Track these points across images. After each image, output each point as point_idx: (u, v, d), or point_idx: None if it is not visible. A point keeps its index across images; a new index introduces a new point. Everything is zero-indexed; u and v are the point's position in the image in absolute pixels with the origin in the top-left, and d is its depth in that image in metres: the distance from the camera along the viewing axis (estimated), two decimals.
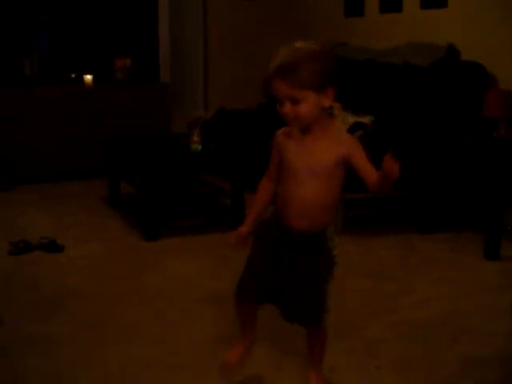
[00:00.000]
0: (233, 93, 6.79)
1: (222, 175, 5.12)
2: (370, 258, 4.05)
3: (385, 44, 5.60)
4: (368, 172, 2.12)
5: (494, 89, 4.62)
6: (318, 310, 2.30)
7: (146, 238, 4.33)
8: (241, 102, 6.28)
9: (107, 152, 5.18)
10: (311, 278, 2.26)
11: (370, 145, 4.69)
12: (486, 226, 4.05)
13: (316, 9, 6.81)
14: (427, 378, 2.61)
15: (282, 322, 2.35)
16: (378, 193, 2.12)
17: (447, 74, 4.82)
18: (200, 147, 4.51)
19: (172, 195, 4.97)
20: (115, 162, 5.06)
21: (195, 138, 4.50)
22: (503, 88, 4.60)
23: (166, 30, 6.85)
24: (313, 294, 2.28)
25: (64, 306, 3.29)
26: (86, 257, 4.03)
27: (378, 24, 5.95)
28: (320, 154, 2.16)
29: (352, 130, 4.93)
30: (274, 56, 2.10)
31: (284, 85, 2.05)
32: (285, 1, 7.13)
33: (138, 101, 6.27)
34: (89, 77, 6.23)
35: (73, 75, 6.30)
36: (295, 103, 2.06)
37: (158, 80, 6.85)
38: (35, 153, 5.86)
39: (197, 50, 7.05)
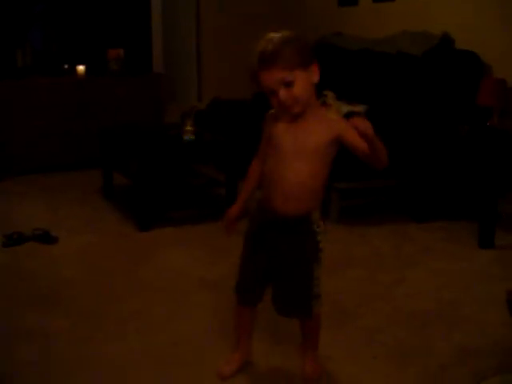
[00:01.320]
0: (227, 83, 6.76)
1: (216, 165, 5.11)
2: (365, 248, 4.04)
3: (379, 33, 5.59)
4: (358, 145, 2.11)
5: (488, 77, 4.61)
6: (306, 296, 2.32)
7: (141, 228, 4.32)
8: (235, 92, 6.25)
9: (101, 143, 5.16)
10: (296, 261, 2.29)
11: None
12: (481, 214, 4.05)
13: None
14: (423, 368, 2.61)
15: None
16: (373, 161, 2.12)
17: (441, 63, 4.81)
18: (193, 137, 4.49)
19: (166, 185, 4.95)
20: (109, 152, 5.04)
21: (188, 128, 4.48)
22: (497, 76, 4.59)
23: (158, 20, 6.81)
24: (299, 279, 2.30)
25: (59, 298, 3.28)
26: (80, 248, 4.01)
27: (372, 13, 5.93)
28: (309, 136, 2.18)
29: (346, 118, 4.93)
30: (253, 51, 2.14)
31: (273, 72, 2.08)
32: None
33: (132, 91, 6.25)
34: (82, 68, 6.19)
35: (66, 66, 6.26)
36: (289, 86, 2.09)
37: (152, 70, 6.82)
38: (28, 144, 5.83)
39: (190, 40, 7.03)
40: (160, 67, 6.84)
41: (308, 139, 2.18)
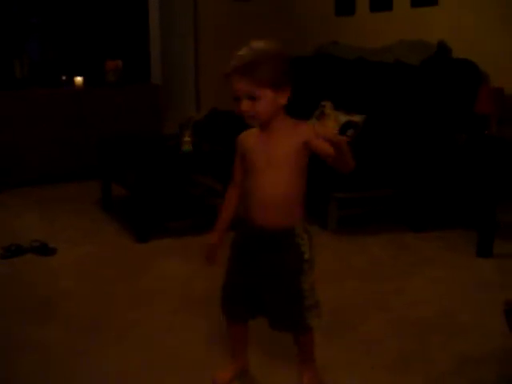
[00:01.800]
0: (225, 93, 6.74)
1: (214, 176, 5.10)
2: (363, 257, 4.03)
3: (376, 43, 5.60)
4: (325, 150, 2.09)
5: (485, 86, 4.62)
6: (296, 310, 2.31)
7: (139, 239, 4.31)
8: (233, 103, 6.25)
9: (99, 153, 5.16)
10: (280, 275, 2.28)
11: (361, 143, 4.71)
12: (479, 223, 4.05)
13: (307, 8, 6.81)
14: (422, 377, 2.60)
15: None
16: (340, 166, 2.13)
17: (439, 72, 4.82)
18: (191, 148, 4.49)
19: (164, 196, 4.94)
20: (107, 163, 5.04)
21: (186, 139, 4.48)
22: (495, 85, 4.60)
23: (156, 31, 6.84)
24: (287, 293, 2.29)
25: (57, 309, 3.28)
26: (78, 259, 4.01)
27: (369, 23, 5.95)
28: (278, 145, 2.20)
29: (344, 128, 4.93)
30: (234, 55, 2.16)
31: (243, 82, 2.11)
32: (276, 1, 7.11)
33: (130, 102, 6.26)
34: (80, 79, 6.20)
35: (64, 77, 6.27)
36: (253, 100, 2.12)
37: (150, 81, 6.84)
38: (26, 155, 5.84)
39: (188, 50, 7.03)
40: (158, 78, 6.85)
41: (277, 151, 2.19)
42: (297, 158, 2.19)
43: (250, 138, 2.29)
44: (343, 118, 5.02)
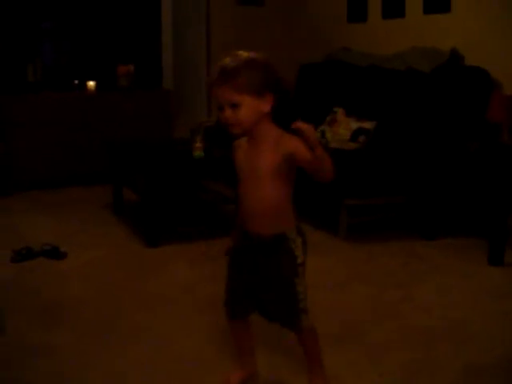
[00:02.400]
0: None
1: (225, 182, 5.10)
2: (373, 265, 4.03)
3: (388, 49, 5.59)
4: (308, 160, 2.11)
5: (497, 94, 4.60)
6: (292, 312, 2.33)
7: (149, 244, 4.32)
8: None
9: (111, 158, 5.18)
10: (275, 278, 2.32)
11: (372, 150, 4.70)
12: (490, 231, 4.03)
13: (319, 14, 6.80)
14: None
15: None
16: (319, 172, 2.12)
17: (451, 79, 4.81)
18: (202, 153, 4.50)
19: (175, 202, 4.95)
20: (118, 168, 5.06)
21: (198, 145, 4.49)
22: (507, 93, 4.58)
23: (168, 36, 6.86)
24: (284, 295, 2.32)
25: (67, 313, 3.28)
26: (88, 264, 4.02)
27: (381, 29, 5.94)
28: (261, 157, 2.21)
29: (355, 135, 4.93)
30: (216, 64, 2.19)
31: (224, 90, 2.13)
32: (288, 7, 7.12)
33: (141, 107, 6.29)
34: (92, 83, 6.23)
35: (76, 82, 6.30)
36: (234, 108, 2.14)
37: (161, 86, 6.86)
38: (38, 159, 5.87)
39: (200, 56, 7.05)
40: (169, 83, 6.87)
41: (261, 163, 2.21)
42: (280, 170, 2.19)
43: (240, 147, 2.33)
44: (354, 125, 5.02)
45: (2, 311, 3.08)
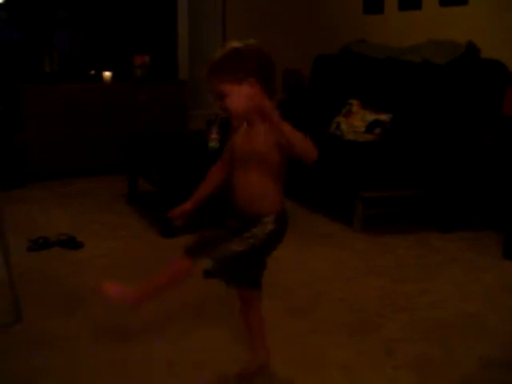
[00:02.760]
0: None
1: None
2: (388, 257, 4.03)
3: (404, 42, 5.57)
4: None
5: None
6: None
7: (164, 235, 4.34)
8: None
9: (126, 149, 5.21)
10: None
11: (388, 142, 4.69)
12: (505, 225, 4.02)
13: (335, 6, 6.78)
14: (445, 379, 2.60)
15: None
16: (303, 156, 2.17)
17: (467, 72, 4.79)
18: (218, 145, 4.51)
19: (189, 192, 4.96)
20: (134, 159, 5.08)
21: (213, 136, 4.50)
22: None
23: (184, 27, 6.86)
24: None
25: (83, 303, 3.31)
26: (104, 254, 4.05)
27: (397, 21, 5.91)
28: (253, 141, 2.28)
29: (370, 127, 4.92)
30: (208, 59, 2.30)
31: (211, 83, 2.25)
32: None
33: (157, 98, 6.29)
34: (108, 74, 6.25)
35: (92, 72, 6.32)
36: (223, 98, 2.24)
37: (177, 77, 6.87)
38: (53, 149, 5.90)
39: (215, 46, 7.04)
40: (185, 74, 6.88)
41: (252, 145, 2.28)
42: (269, 157, 2.25)
43: (238, 132, 2.39)
44: (370, 117, 5.01)
45: (19, 299, 3.11)
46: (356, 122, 5.09)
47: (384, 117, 4.94)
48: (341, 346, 2.51)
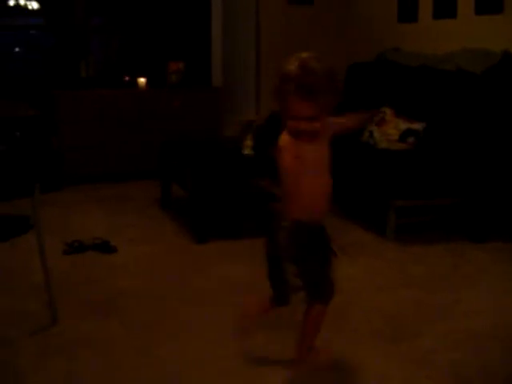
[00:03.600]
0: None
1: (273, 180, 5.11)
2: (420, 267, 4.00)
3: (438, 50, 5.55)
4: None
5: None
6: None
7: (197, 240, 4.37)
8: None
9: (160, 155, 5.25)
10: None
11: (421, 151, 4.67)
12: None
13: (369, 14, 6.78)
14: None
15: None
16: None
17: (502, 81, 4.76)
18: (252, 151, 4.53)
19: (223, 199, 4.99)
20: (168, 164, 5.12)
21: (248, 143, 4.53)
22: None
23: (218, 33, 6.90)
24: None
25: (117, 306, 3.35)
26: (138, 258, 4.09)
27: (432, 30, 5.89)
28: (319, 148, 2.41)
29: (404, 136, 4.91)
30: (287, 69, 2.26)
31: (305, 106, 2.22)
32: (338, 6, 7.10)
33: (191, 104, 6.34)
34: (143, 80, 6.31)
35: (127, 78, 6.39)
36: (312, 120, 2.25)
37: (210, 84, 6.91)
38: (88, 154, 5.98)
39: (249, 53, 7.08)
40: (219, 80, 6.91)
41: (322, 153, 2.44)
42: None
43: (283, 137, 2.44)
44: (403, 126, 5.00)
45: (55, 301, 3.15)
46: (389, 130, 5.09)
47: (417, 126, 4.92)
48: (376, 353, 2.51)
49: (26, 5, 6.39)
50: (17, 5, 6.36)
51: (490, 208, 4.49)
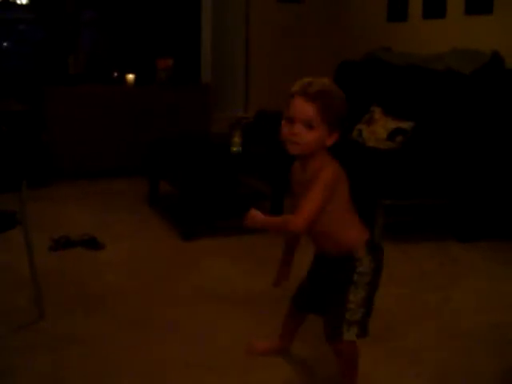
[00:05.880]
0: (273, 94, 6.78)
1: (262, 178, 5.12)
2: (408, 266, 4.02)
3: (427, 50, 5.56)
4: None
5: None
6: (337, 318, 2.33)
7: (185, 237, 4.36)
8: (282, 104, 6.27)
9: (148, 151, 5.23)
10: (333, 282, 2.39)
11: (410, 150, 4.68)
12: None
13: (359, 13, 6.79)
14: None
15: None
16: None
17: (491, 82, 4.77)
18: (240, 148, 4.53)
19: (211, 196, 4.98)
20: (156, 161, 5.11)
21: (236, 140, 4.52)
22: None
23: (208, 30, 6.89)
24: (334, 299, 2.37)
25: (104, 303, 3.34)
26: (125, 255, 4.07)
27: (421, 29, 5.91)
28: (307, 184, 2.23)
29: (392, 135, 4.92)
30: (306, 82, 2.20)
31: (309, 107, 2.16)
32: (328, 4, 7.11)
33: (180, 101, 6.32)
34: (131, 76, 6.29)
35: (115, 74, 6.36)
36: (307, 128, 2.17)
37: (200, 81, 6.89)
38: (77, 150, 5.96)
39: (238, 50, 7.07)
40: (208, 77, 6.90)
41: (305, 190, 2.24)
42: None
43: (295, 170, 2.38)
44: (392, 124, 5.00)
45: (41, 296, 3.13)
46: (378, 129, 5.09)
47: (406, 125, 4.93)
48: (364, 353, 2.51)
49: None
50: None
51: (478, 208, 4.50)
